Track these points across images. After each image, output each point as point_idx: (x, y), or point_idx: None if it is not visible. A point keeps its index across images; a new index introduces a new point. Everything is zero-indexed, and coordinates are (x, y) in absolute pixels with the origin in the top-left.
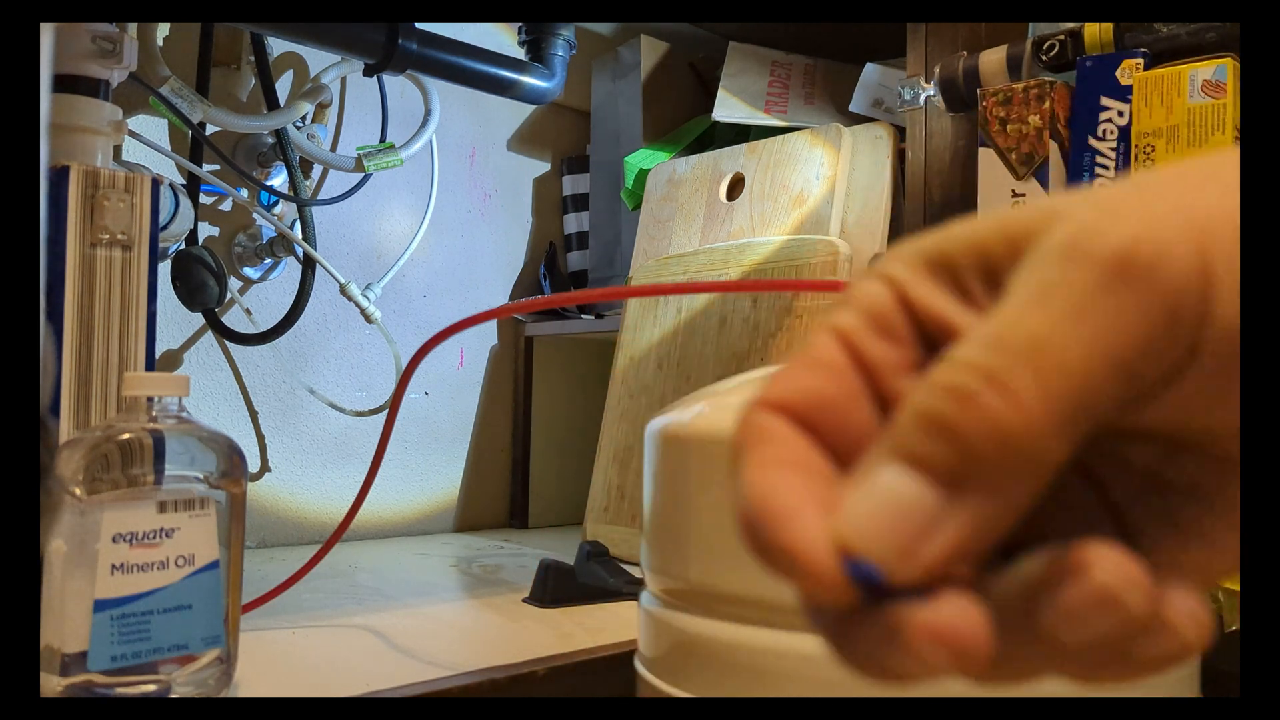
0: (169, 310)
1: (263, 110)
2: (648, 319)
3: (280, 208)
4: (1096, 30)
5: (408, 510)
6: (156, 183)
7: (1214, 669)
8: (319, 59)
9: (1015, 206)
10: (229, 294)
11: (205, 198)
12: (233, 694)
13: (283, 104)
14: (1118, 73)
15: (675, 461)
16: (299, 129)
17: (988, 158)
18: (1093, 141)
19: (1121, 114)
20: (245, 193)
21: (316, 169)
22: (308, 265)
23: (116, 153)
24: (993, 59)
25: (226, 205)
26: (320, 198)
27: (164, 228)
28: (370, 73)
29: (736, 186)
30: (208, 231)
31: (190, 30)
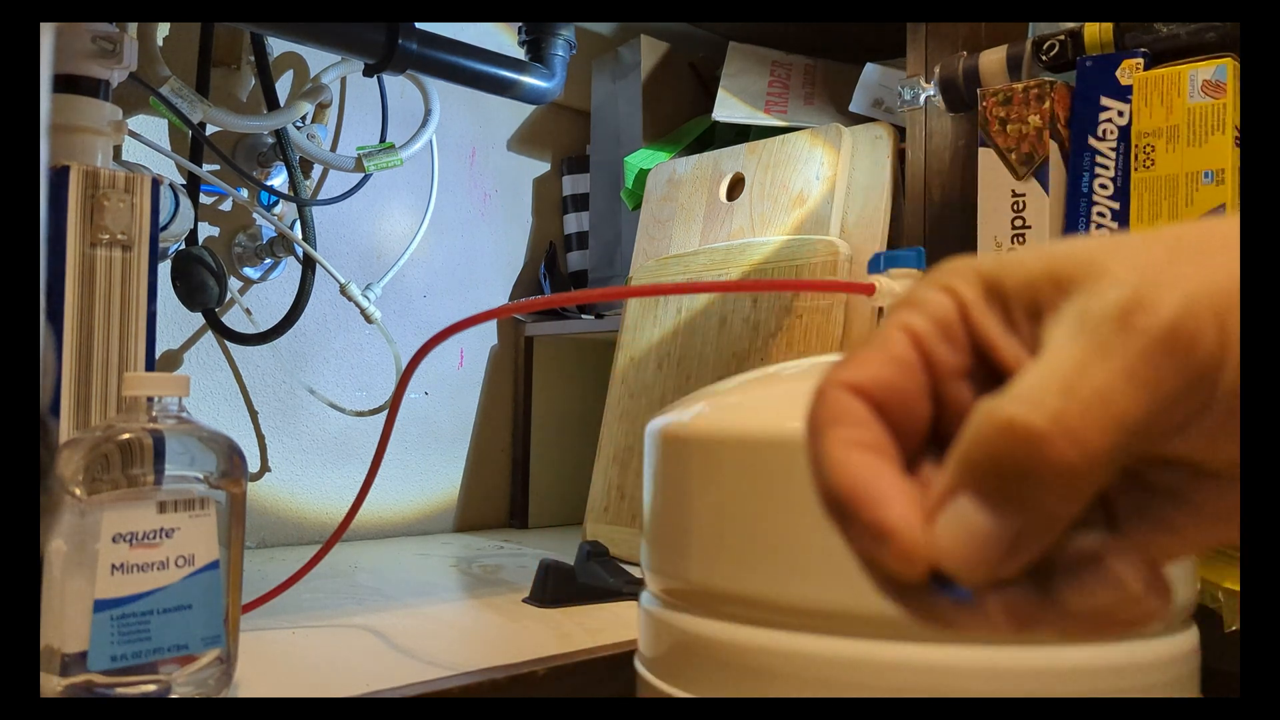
0: (169, 310)
1: (263, 110)
2: (648, 319)
3: (280, 208)
4: (1096, 30)
5: (408, 510)
6: (156, 183)
7: (1214, 669)
8: (319, 59)
9: (1056, 246)
10: (229, 294)
11: (205, 198)
12: (233, 694)
13: (283, 104)
14: (1118, 73)
15: (675, 461)
16: (299, 129)
17: (988, 158)
18: (1093, 141)
19: (1121, 114)
20: (245, 193)
21: (316, 169)
22: (308, 265)
23: (116, 153)
24: (993, 59)
25: (226, 205)
26: (320, 198)
27: (164, 228)
28: (370, 73)
29: (736, 186)
30: (208, 231)
31: (190, 30)
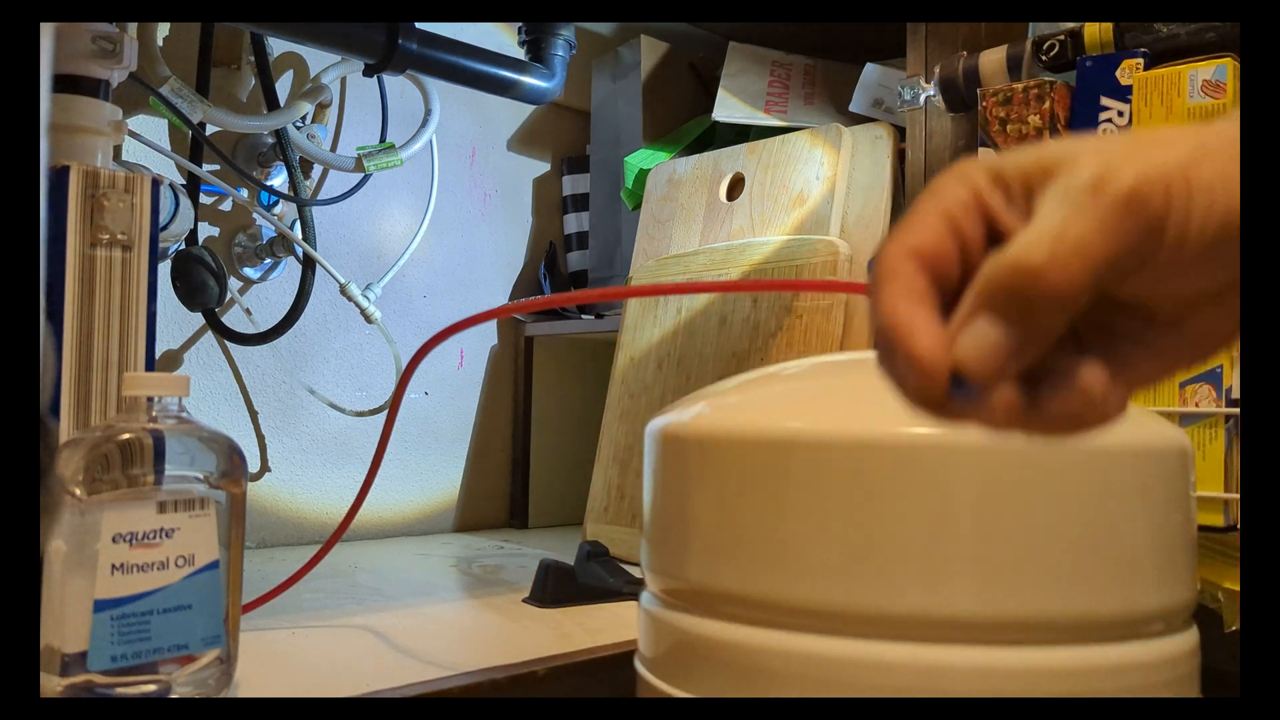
0: (169, 310)
1: (263, 110)
2: (648, 319)
3: (280, 208)
4: (1096, 30)
5: (408, 510)
6: (156, 183)
7: (1214, 669)
8: (319, 59)
9: (1042, 145)
10: (229, 294)
11: (205, 198)
12: (233, 694)
13: (283, 104)
14: (1118, 73)
15: (675, 461)
16: (299, 129)
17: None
18: None
19: (1121, 114)
20: (245, 193)
21: (316, 169)
22: (308, 265)
23: (116, 153)
24: (993, 59)
25: (226, 205)
26: (320, 198)
27: (164, 228)
28: (370, 73)
29: (736, 186)
30: (208, 231)
31: (190, 30)
